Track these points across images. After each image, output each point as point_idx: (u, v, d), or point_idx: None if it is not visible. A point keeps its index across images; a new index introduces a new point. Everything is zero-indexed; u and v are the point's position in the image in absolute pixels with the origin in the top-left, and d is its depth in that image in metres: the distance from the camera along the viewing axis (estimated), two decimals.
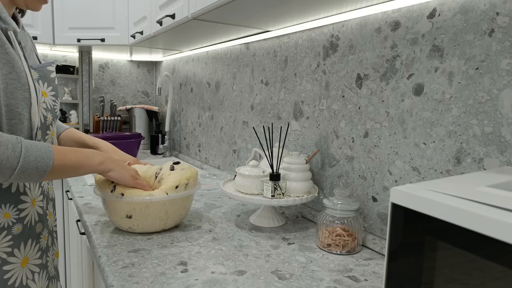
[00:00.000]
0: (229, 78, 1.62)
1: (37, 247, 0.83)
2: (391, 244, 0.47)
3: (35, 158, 0.70)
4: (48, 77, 0.87)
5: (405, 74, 0.85)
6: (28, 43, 0.84)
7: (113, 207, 0.92)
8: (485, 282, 0.37)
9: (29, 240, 0.81)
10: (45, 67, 0.87)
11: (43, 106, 0.82)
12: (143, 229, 0.93)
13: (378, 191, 0.93)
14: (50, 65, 0.89)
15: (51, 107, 0.86)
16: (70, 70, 2.36)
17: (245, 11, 1.03)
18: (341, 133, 1.03)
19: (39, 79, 0.84)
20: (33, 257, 0.82)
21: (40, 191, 0.85)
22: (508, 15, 0.66)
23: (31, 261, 0.82)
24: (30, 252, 0.81)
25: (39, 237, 0.84)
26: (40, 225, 0.85)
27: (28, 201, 0.81)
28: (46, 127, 0.84)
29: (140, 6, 1.71)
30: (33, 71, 0.83)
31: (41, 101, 0.81)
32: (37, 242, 0.83)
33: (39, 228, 0.84)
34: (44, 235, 0.87)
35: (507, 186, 0.47)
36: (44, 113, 0.82)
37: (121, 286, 0.69)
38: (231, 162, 1.64)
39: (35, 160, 0.70)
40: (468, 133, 0.73)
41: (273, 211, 1.07)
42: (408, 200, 0.44)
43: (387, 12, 0.89)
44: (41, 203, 0.86)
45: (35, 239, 0.83)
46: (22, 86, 0.75)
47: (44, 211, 0.87)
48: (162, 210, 0.92)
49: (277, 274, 0.76)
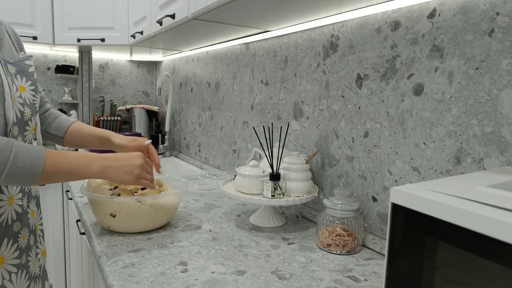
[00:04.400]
0: (229, 78, 1.62)
1: (15, 246, 0.80)
2: (391, 244, 0.47)
3: (23, 164, 0.69)
4: (26, 72, 0.84)
5: (405, 74, 0.85)
6: (4, 38, 0.81)
7: (99, 206, 0.95)
8: (485, 282, 0.37)
9: (5, 240, 0.78)
10: (23, 61, 0.84)
11: (19, 101, 0.79)
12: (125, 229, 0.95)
13: (378, 191, 0.93)
14: (28, 59, 0.86)
15: (30, 102, 0.83)
16: (70, 70, 2.35)
17: (245, 11, 1.03)
18: (341, 133, 1.03)
19: (17, 74, 0.81)
20: (10, 257, 0.80)
21: (19, 189, 0.83)
22: (508, 15, 0.66)
23: (7, 261, 0.79)
24: (6, 252, 0.79)
25: (17, 236, 0.81)
26: (19, 224, 0.82)
27: (4, 199, 0.78)
28: (24, 123, 0.81)
29: (140, 6, 1.71)
30: (10, 65, 0.81)
31: (17, 95, 0.79)
32: (14, 242, 0.80)
33: (17, 227, 0.81)
34: (24, 234, 0.84)
35: (507, 186, 0.47)
36: (20, 108, 0.80)
37: (121, 286, 0.69)
38: (231, 162, 1.64)
39: (23, 166, 0.69)
40: (468, 133, 0.73)
41: (273, 211, 1.07)
42: (408, 200, 0.44)
43: (387, 12, 0.89)
44: (20, 201, 0.83)
45: (12, 238, 0.80)
46: None
47: (24, 209, 0.84)
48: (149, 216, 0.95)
49: (277, 274, 0.76)
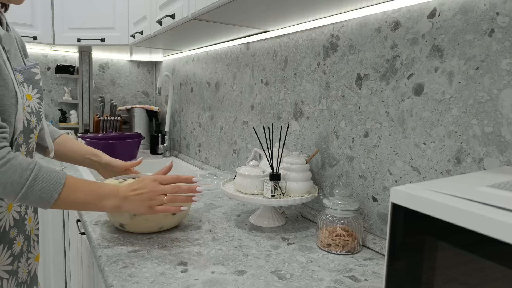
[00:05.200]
0: (229, 78, 1.62)
1: (9, 252, 0.80)
2: (391, 244, 0.47)
3: (40, 188, 0.70)
4: (33, 79, 0.84)
5: (405, 74, 0.85)
6: (12, 45, 0.81)
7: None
8: (485, 282, 0.37)
9: (0, 246, 0.78)
10: (30, 69, 0.84)
11: (27, 110, 0.79)
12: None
13: (378, 191, 0.93)
14: (34, 66, 0.86)
15: (36, 110, 0.83)
16: (70, 70, 2.35)
17: (245, 11, 1.03)
18: (341, 133, 1.03)
19: (24, 82, 0.81)
20: (3, 263, 0.79)
21: None
22: (508, 15, 0.66)
23: (0, 267, 0.79)
24: (0, 258, 0.78)
25: (12, 242, 0.81)
26: (15, 231, 0.82)
27: (3, 206, 0.78)
28: (30, 131, 0.81)
29: (140, 6, 1.71)
30: (18, 73, 0.80)
31: (26, 105, 0.79)
32: (9, 248, 0.80)
33: (13, 234, 0.81)
34: (19, 240, 0.83)
35: (507, 186, 0.47)
36: (28, 117, 0.80)
37: (121, 286, 0.69)
38: (231, 162, 1.64)
39: (40, 190, 0.70)
40: (468, 133, 0.73)
41: (273, 211, 1.07)
42: (408, 200, 0.44)
43: (387, 12, 0.89)
44: (18, 208, 0.83)
45: (7, 244, 0.80)
46: (10, 93, 0.73)
47: (21, 216, 0.84)
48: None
49: (277, 274, 0.76)
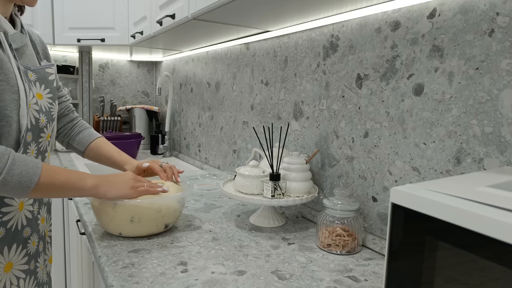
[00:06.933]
0: (229, 78, 1.62)
1: (24, 252, 0.80)
2: (391, 244, 0.47)
3: (19, 172, 0.69)
4: (46, 79, 0.86)
5: (405, 74, 0.85)
6: (27, 46, 0.84)
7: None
8: (485, 282, 0.37)
9: (14, 245, 0.78)
10: (44, 69, 0.86)
11: (34, 108, 0.80)
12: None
13: (378, 191, 0.93)
14: (49, 67, 0.88)
15: (46, 109, 0.84)
16: (70, 70, 2.35)
17: (245, 11, 1.03)
18: (341, 133, 1.03)
19: (36, 81, 0.83)
20: (19, 263, 0.79)
21: None
22: (508, 15, 0.66)
23: (16, 266, 0.79)
24: (15, 257, 0.79)
25: (27, 242, 0.81)
26: (29, 230, 0.82)
27: (14, 205, 0.78)
28: (39, 130, 0.82)
29: (140, 6, 1.71)
30: (31, 72, 0.82)
31: (33, 102, 0.80)
32: (23, 247, 0.80)
33: (27, 233, 0.81)
34: (33, 240, 0.84)
35: (507, 186, 0.47)
36: (35, 115, 0.80)
37: (121, 286, 0.69)
38: (231, 162, 1.64)
39: (20, 174, 0.69)
40: (468, 133, 0.73)
41: (273, 211, 1.07)
42: (408, 200, 0.44)
43: (387, 12, 0.89)
44: (31, 207, 0.83)
45: (21, 244, 0.80)
46: (11, 88, 0.74)
47: (34, 215, 0.84)
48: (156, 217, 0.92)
49: (277, 274, 0.76)
